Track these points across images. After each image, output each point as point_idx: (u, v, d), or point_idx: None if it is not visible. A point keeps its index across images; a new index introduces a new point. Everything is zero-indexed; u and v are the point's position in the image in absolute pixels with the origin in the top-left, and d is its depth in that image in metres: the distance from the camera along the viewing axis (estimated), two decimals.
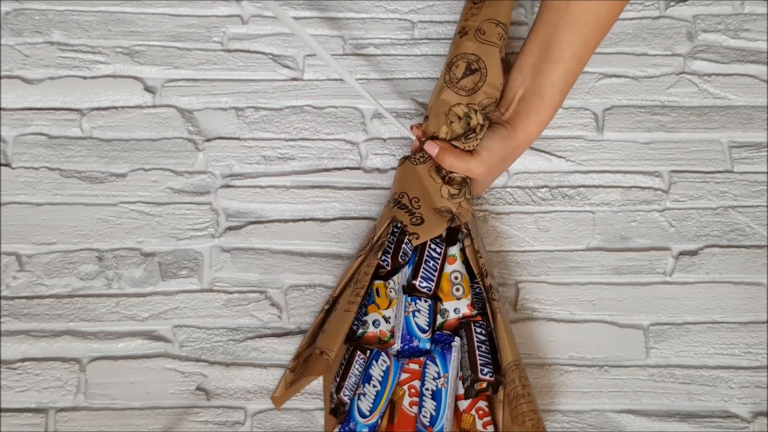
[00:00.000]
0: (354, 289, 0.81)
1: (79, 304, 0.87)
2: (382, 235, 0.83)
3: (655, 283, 0.90)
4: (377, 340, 0.82)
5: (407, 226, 0.83)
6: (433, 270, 0.83)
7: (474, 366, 0.79)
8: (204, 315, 0.87)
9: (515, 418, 0.77)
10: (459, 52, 0.88)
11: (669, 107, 0.96)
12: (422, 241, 0.83)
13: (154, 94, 0.95)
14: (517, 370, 0.78)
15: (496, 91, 0.86)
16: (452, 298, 0.83)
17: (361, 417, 0.79)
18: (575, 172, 0.94)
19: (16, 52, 0.96)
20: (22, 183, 0.91)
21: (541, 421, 0.77)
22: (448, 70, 0.88)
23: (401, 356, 0.81)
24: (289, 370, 0.80)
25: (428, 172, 0.85)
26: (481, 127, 0.85)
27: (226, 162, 0.93)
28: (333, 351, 0.78)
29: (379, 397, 0.79)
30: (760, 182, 0.93)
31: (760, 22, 1.00)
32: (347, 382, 0.78)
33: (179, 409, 0.84)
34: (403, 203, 0.84)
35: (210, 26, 0.98)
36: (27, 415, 0.83)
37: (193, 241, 0.90)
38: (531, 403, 0.77)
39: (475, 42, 0.88)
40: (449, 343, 0.81)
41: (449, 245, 0.85)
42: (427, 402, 0.79)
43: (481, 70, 0.87)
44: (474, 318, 0.83)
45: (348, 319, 0.79)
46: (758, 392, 0.86)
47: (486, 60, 0.87)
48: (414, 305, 0.82)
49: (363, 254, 0.83)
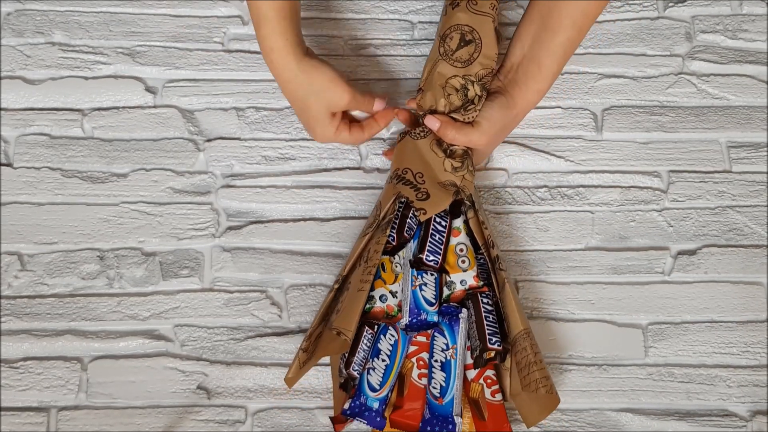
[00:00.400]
0: (366, 267, 0.81)
1: (80, 303, 0.87)
2: (388, 211, 0.84)
3: (654, 282, 0.90)
4: (385, 314, 0.82)
5: (413, 201, 0.84)
6: (439, 243, 0.84)
7: (482, 336, 0.80)
8: (205, 314, 0.87)
9: (528, 385, 0.78)
10: (452, 23, 0.88)
11: (668, 107, 0.97)
12: (429, 216, 0.84)
13: (155, 94, 0.96)
14: (528, 338, 0.80)
15: (492, 62, 0.87)
16: (458, 270, 0.84)
17: (372, 391, 0.80)
18: (574, 172, 0.94)
19: (17, 52, 0.96)
20: (23, 183, 0.91)
21: (554, 387, 0.78)
22: (442, 41, 0.88)
23: (410, 330, 0.82)
24: (302, 350, 0.81)
25: (430, 147, 0.86)
26: (479, 98, 0.86)
27: (226, 162, 0.93)
28: (350, 331, 0.78)
29: (388, 370, 0.80)
30: (759, 182, 0.94)
31: (758, 22, 1.00)
32: (356, 357, 0.79)
33: (180, 408, 0.84)
34: (407, 179, 0.85)
35: (210, 27, 0.99)
36: (29, 414, 0.83)
37: (193, 240, 0.90)
38: (543, 370, 0.78)
39: (468, 13, 0.87)
40: (456, 314, 0.82)
41: (453, 218, 0.86)
42: (436, 373, 0.80)
43: (476, 41, 0.87)
44: (480, 289, 0.84)
45: (362, 298, 0.80)
46: (757, 391, 0.86)
47: (480, 31, 0.87)
48: (420, 279, 0.83)
49: (370, 231, 0.84)
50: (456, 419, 0.79)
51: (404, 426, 0.80)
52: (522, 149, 0.94)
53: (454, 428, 0.78)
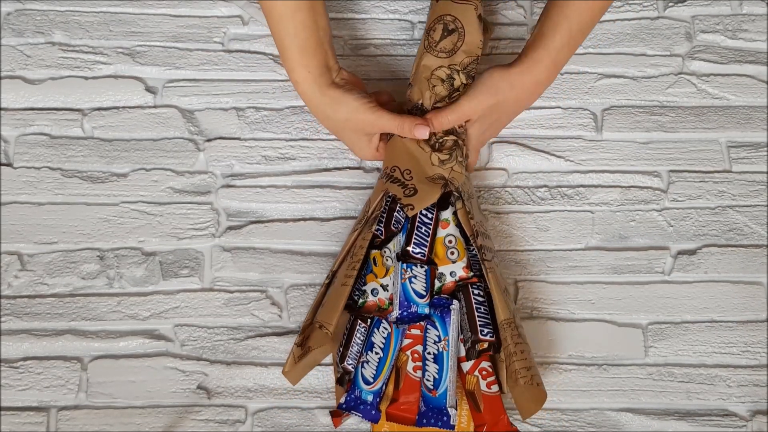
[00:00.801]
0: (350, 263, 0.82)
1: (80, 303, 0.87)
2: (376, 208, 0.85)
3: (654, 282, 0.90)
4: (377, 308, 0.83)
5: (401, 198, 0.84)
6: (425, 235, 0.84)
7: (474, 327, 0.81)
8: (205, 314, 0.87)
9: (509, 375, 0.79)
10: (435, 15, 0.88)
11: (668, 107, 0.97)
12: (417, 212, 0.84)
13: (155, 94, 0.96)
14: (509, 329, 0.79)
15: (477, 49, 0.87)
16: (447, 261, 0.84)
17: (366, 384, 0.80)
18: (574, 172, 0.94)
19: (17, 52, 0.96)
20: (23, 183, 0.91)
21: (536, 377, 0.78)
22: (427, 35, 0.88)
23: (400, 323, 0.82)
24: (296, 344, 0.81)
25: (416, 143, 0.86)
26: (464, 86, 0.86)
27: (226, 162, 0.93)
28: (332, 325, 0.79)
29: (381, 363, 0.81)
30: (759, 182, 0.94)
31: (758, 22, 1.00)
32: (350, 351, 0.80)
33: (180, 408, 0.84)
34: (395, 177, 0.85)
35: (211, 27, 0.99)
36: (28, 414, 0.83)
37: (194, 240, 0.90)
38: (524, 360, 0.78)
39: (450, 3, 0.88)
40: (448, 306, 0.82)
41: (441, 210, 0.85)
42: (429, 366, 0.81)
43: (459, 30, 0.87)
44: (471, 280, 0.84)
45: (345, 293, 0.80)
46: (757, 391, 0.86)
47: (462, 19, 0.87)
48: (410, 271, 0.83)
49: (359, 228, 0.84)
50: (450, 411, 0.79)
51: (401, 419, 0.80)
52: (522, 149, 0.94)
53: (449, 420, 0.78)
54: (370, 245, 0.83)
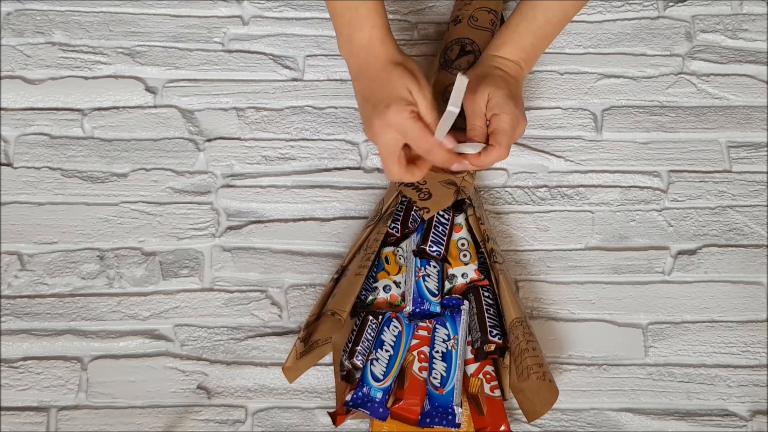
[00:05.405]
0: (364, 254, 0.83)
1: (80, 303, 0.87)
2: (390, 205, 0.86)
3: (654, 282, 0.90)
4: (388, 304, 0.83)
5: (416, 202, 0.85)
6: (442, 235, 0.85)
7: (483, 328, 0.81)
8: (205, 314, 0.87)
9: (520, 374, 0.79)
10: (453, 37, 0.92)
11: (668, 107, 0.97)
12: (432, 215, 0.85)
13: (155, 94, 0.96)
14: (520, 327, 0.80)
15: None
16: (460, 263, 0.85)
17: (375, 381, 0.80)
18: (574, 172, 0.94)
19: (17, 52, 0.96)
20: (23, 183, 0.91)
21: (547, 374, 0.78)
22: (443, 54, 0.92)
23: (413, 318, 0.83)
24: (299, 340, 0.81)
25: None
26: None
27: (226, 162, 0.93)
28: (345, 311, 0.79)
29: (392, 361, 0.81)
30: (759, 182, 0.94)
31: (758, 22, 1.00)
32: (360, 347, 0.80)
33: (180, 408, 0.84)
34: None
35: (211, 27, 0.99)
36: (28, 414, 0.83)
37: (193, 240, 0.90)
38: (536, 357, 0.79)
39: (469, 28, 0.92)
40: (458, 306, 0.83)
41: (456, 213, 0.87)
42: (437, 364, 0.81)
43: (475, 53, 0.90)
44: (481, 282, 0.84)
45: (358, 282, 0.81)
46: (756, 391, 0.86)
47: (480, 43, 0.91)
48: (424, 270, 0.84)
49: (372, 224, 0.86)
50: (456, 409, 0.79)
51: (403, 418, 0.80)
52: (522, 149, 0.94)
53: (454, 419, 0.79)
54: (383, 242, 0.84)
